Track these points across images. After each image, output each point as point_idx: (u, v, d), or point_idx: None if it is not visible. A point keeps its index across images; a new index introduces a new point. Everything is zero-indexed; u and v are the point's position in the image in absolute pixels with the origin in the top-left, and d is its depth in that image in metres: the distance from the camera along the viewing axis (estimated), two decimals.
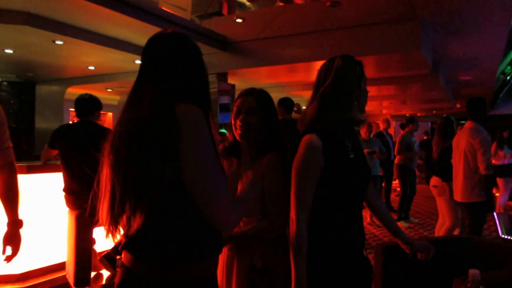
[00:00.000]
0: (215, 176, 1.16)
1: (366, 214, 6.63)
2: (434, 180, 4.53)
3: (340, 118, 1.55)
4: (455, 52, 6.53)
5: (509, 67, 9.00)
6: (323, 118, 1.55)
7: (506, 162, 7.03)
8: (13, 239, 2.03)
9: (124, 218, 1.23)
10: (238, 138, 1.82)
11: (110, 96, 9.45)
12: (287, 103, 4.59)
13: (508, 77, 10.98)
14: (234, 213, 1.22)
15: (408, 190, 6.70)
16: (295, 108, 4.71)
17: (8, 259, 2.03)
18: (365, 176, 1.65)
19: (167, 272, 1.18)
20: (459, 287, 1.26)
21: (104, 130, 3.33)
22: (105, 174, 1.27)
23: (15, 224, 2.03)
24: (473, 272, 1.27)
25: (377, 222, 6.47)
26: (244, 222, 1.83)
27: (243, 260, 1.79)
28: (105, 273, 3.59)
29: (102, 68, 6.98)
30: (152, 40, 1.28)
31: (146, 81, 1.24)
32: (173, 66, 1.23)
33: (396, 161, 6.91)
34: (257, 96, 1.84)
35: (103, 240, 3.35)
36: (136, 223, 1.18)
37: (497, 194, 7.17)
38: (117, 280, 1.26)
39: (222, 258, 1.86)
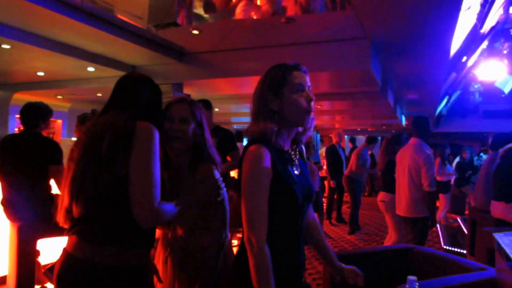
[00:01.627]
0: (149, 180, 1.44)
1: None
2: (382, 195, 4.66)
3: (268, 129, 1.43)
4: (403, 72, 6.86)
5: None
6: (259, 130, 1.45)
7: (445, 178, 7.44)
8: None
9: (75, 207, 1.49)
10: (168, 147, 1.80)
11: (60, 103, 9.09)
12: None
13: (451, 98, 11.64)
14: (156, 213, 1.45)
15: (358, 202, 6.90)
16: None
17: None
18: (310, 194, 1.56)
19: (108, 256, 1.42)
20: None
21: (46, 142, 3.22)
22: (65, 175, 1.56)
23: None
24: (411, 279, 1.33)
25: (329, 233, 6.59)
26: (182, 238, 1.84)
27: (185, 279, 1.79)
28: (50, 287, 3.45)
29: (52, 74, 6.71)
30: (124, 78, 1.67)
31: (115, 106, 1.59)
32: (138, 97, 1.62)
33: (346, 173, 7.08)
34: (190, 104, 1.83)
35: (48, 252, 3.24)
36: (87, 210, 1.46)
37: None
38: (57, 265, 1.49)
39: (165, 275, 1.86)
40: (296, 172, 1.50)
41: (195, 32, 5.09)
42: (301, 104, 1.44)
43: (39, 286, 3.37)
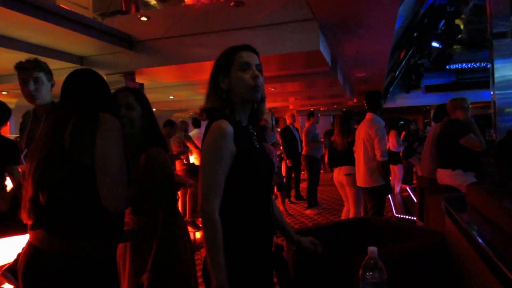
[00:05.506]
0: (115, 167, 1.48)
1: (279, 203, 6.96)
2: (347, 168, 4.71)
3: (219, 105, 1.52)
4: (350, 51, 7.06)
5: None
6: (213, 106, 1.54)
7: (397, 149, 7.81)
8: None
9: (41, 196, 1.46)
10: None
11: (6, 99, 8.55)
12: None
13: (395, 74, 12.06)
14: (124, 199, 1.51)
15: (315, 179, 7.13)
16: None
17: None
18: (272, 167, 1.64)
19: (76, 248, 1.42)
20: (360, 264, 1.39)
21: (4, 141, 3.15)
22: (28, 166, 1.55)
23: None
24: (371, 249, 1.37)
25: (289, 211, 6.73)
26: (132, 220, 1.91)
27: (137, 259, 1.87)
28: (8, 287, 3.36)
29: None
30: (74, 75, 1.68)
31: (73, 103, 1.61)
32: (91, 91, 1.66)
33: (304, 152, 7.31)
34: (134, 92, 1.93)
35: (3, 253, 3.14)
36: (53, 201, 1.45)
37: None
38: (22, 260, 1.48)
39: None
40: (257, 146, 1.58)
41: (144, 19, 4.99)
42: (247, 80, 1.51)
43: None
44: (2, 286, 3.37)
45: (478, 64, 12.46)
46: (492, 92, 4.55)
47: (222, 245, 1.35)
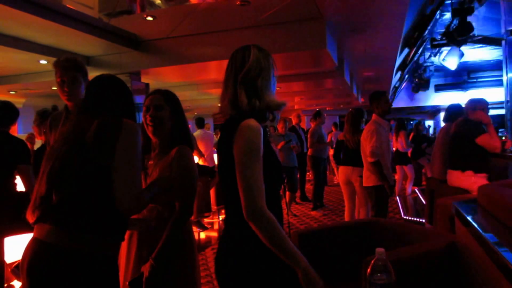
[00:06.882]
0: (134, 171, 1.54)
1: (283, 205, 6.90)
2: (361, 170, 4.61)
3: (262, 103, 1.49)
4: (358, 50, 6.99)
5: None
6: (249, 105, 1.47)
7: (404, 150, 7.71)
8: None
9: (54, 194, 1.50)
10: (150, 134, 2.01)
11: (14, 99, 8.68)
12: None
13: (404, 73, 11.95)
14: (139, 203, 1.57)
15: (321, 180, 7.06)
16: None
17: None
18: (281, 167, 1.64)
19: (85, 242, 1.45)
20: (367, 266, 1.34)
21: (16, 141, 3.18)
22: (44, 163, 1.58)
23: None
24: (379, 250, 1.34)
25: (294, 212, 6.65)
26: (147, 209, 1.97)
27: (141, 250, 1.93)
28: (17, 284, 3.38)
29: (3, 69, 6.42)
30: (100, 81, 1.74)
31: (98, 108, 1.66)
32: (116, 97, 1.73)
33: (309, 153, 7.25)
34: (164, 93, 2.05)
35: (13, 250, 3.14)
36: (67, 197, 1.48)
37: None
38: (25, 254, 1.49)
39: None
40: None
41: (150, 18, 4.97)
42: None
43: (6, 284, 3.29)
44: (11, 283, 3.37)
45: (490, 63, 12.26)
46: (505, 91, 4.43)
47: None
